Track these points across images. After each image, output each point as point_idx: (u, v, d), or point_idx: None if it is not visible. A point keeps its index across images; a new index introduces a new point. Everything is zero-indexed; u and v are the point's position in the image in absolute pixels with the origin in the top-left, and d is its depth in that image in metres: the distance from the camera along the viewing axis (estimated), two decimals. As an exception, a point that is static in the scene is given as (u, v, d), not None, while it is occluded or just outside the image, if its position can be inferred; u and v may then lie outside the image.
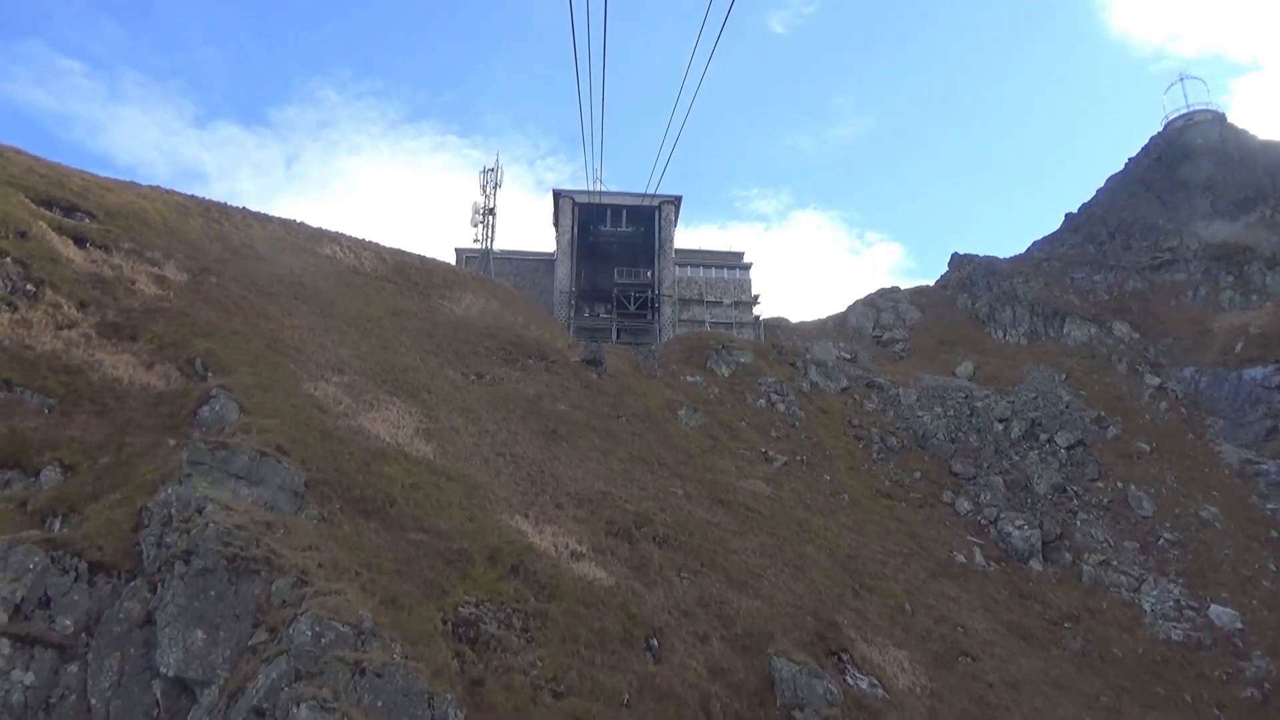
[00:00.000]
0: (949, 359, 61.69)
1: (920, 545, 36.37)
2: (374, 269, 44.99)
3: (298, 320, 33.28)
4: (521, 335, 43.05)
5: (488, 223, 62.11)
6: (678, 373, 47.53)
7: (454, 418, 30.49)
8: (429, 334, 38.68)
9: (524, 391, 35.81)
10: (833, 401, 50.23)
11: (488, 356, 38.77)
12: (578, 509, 27.38)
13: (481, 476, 26.58)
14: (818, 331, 70.17)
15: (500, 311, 46.89)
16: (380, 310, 39.05)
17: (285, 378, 26.62)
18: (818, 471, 40.64)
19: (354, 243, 47.43)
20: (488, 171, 63.64)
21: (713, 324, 60.85)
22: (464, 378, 35.56)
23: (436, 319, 41.27)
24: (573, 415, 35.11)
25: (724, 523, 30.89)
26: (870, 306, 72.27)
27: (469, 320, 42.98)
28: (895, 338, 67.03)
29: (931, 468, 44.81)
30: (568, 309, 60.80)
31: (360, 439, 24.40)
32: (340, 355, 31.36)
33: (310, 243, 45.07)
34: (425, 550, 20.44)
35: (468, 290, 48.22)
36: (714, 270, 64.32)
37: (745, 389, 47.45)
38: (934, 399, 52.16)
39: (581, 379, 40.08)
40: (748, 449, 39.92)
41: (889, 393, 52.84)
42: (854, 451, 44.80)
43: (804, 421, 45.83)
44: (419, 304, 42.82)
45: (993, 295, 69.65)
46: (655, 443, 36.08)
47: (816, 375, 52.83)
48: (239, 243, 40.14)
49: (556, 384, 38.44)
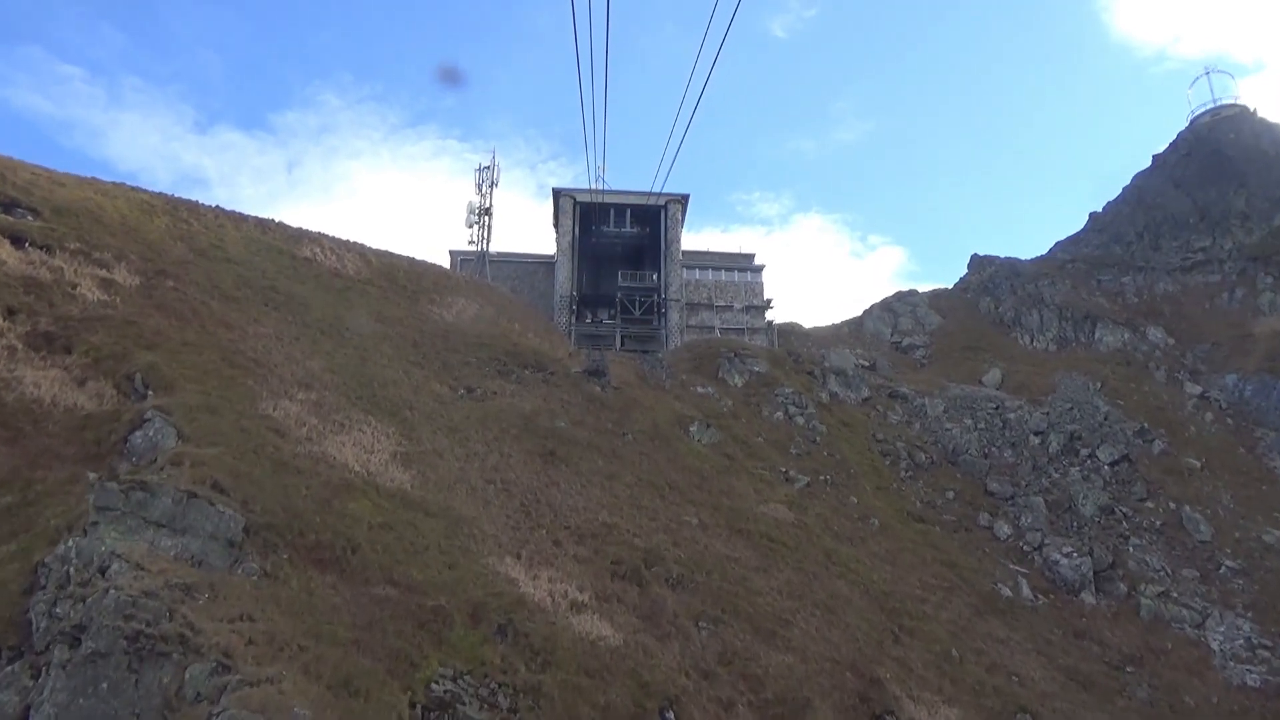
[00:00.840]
0: (974, 366, 58.01)
1: (960, 577, 32.69)
2: (357, 272, 41.42)
3: (264, 328, 29.71)
4: (517, 344, 39.47)
5: (483, 223, 58.43)
6: (687, 383, 43.90)
7: (438, 439, 26.89)
8: (414, 343, 35.10)
9: (519, 407, 32.22)
10: (854, 413, 46.58)
11: (479, 368, 35.19)
12: (578, 545, 23.78)
13: (467, 509, 22.97)
14: (832, 337, 66.48)
15: (495, 318, 43.29)
16: (361, 316, 35.47)
17: (239, 396, 23.03)
18: (843, 493, 36.97)
19: (337, 244, 43.87)
20: (483, 169, 60.00)
21: (723, 330, 57.16)
22: (451, 392, 31.98)
23: (424, 326, 37.70)
24: (573, 433, 31.50)
25: (745, 557, 27.25)
26: (887, 311, 68.60)
27: (460, 328, 39.39)
28: (915, 344, 63.35)
29: (965, 487, 41.12)
30: (568, 314, 57.19)
31: (323, 469, 20.79)
32: (310, 368, 27.78)
33: (288, 244, 41.51)
34: (393, 610, 16.82)
35: (460, 295, 44.65)
36: (723, 273, 60.40)
37: (761, 401, 43.81)
38: (962, 410, 48.50)
39: (583, 392, 36.49)
40: (766, 468, 36.27)
41: (914, 403, 49.19)
42: (880, 469, 41.13)
43: (825, 436, 42.17)
44: (405, 310, 39.24)
45: (1017, 298, 65.96)
46: (665, 463, 32.45)
47: (836, 385, 49.19)
48: (207, 244, 36.60)
49: (555, 398, 34.84)
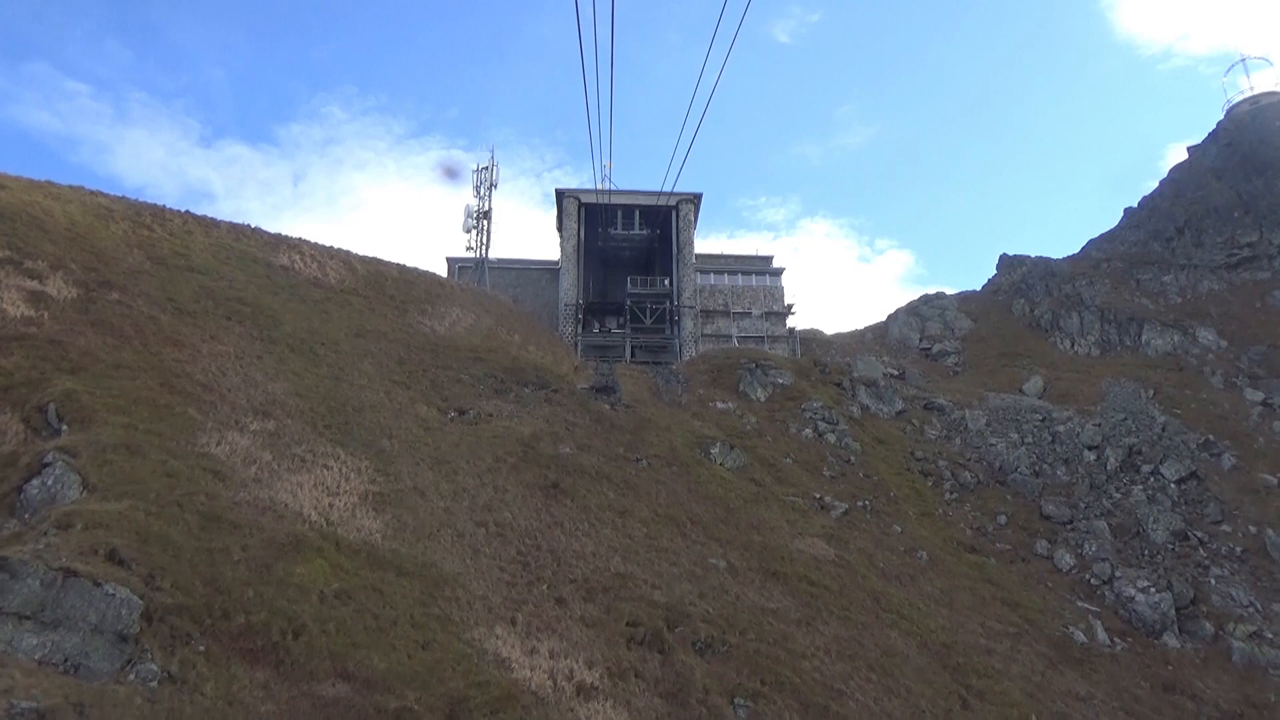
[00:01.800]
0: (1013, 373, 53.76)
1: (1026, 619, 28.48)
2: (340, 281, 37.56)
3: (223, 346, 25.83)
4: (517, 358, 35.52)
5: (482, 227, 54.63)
6: (705, 398, 39.85)
7: (420, 473, 22.90)
8: (400, 359, 31.17)
9: (517, 431, 28.23)
10: (889, 429, 42.42)
11: (473, 386, 31.23)
12: (586, 603, 19.73)
13: (451, 563, 18.95)
14: (856, 344, 62.35)
15: (492, 329, 39.39)
16: (340, 330, 31.59)
17: (175, 429, 19.10)
18: (885, 520, 32.81)
19: (319, 251, 40.05)
20: (481, 170, 56.19)
21: (740, 338, 53.20)
22: (440, 415, 28.01)
23: (412, 340, 33.78)
24: (579, 461, 27.47)
25: (784, 607, 23.12)
26: (914, 315, 64.42)
27: (453, 340, 35.47)
28: (946, 350, 59.14)
29: (1017, 510, 36.90)
30: (574, 324, 53.31)
31: (268, 521, 16.81)
32: (271, 392, 23.86)
33: (264, 251, 37.70)
34: (344, 716, 12.81)
35: (454, 304, 40.75)
36: (740, 277, 56.39)
37: (787, 416, 39.72)
38: (1006, 422, 44.27)
39: (590, 411, 32.48)
40: (799, 494, 32.15)
41: (951, 415, 44.97)
42: (922, 491, 36.95)
43: (860, 455, 38.03)
44: (392, 322, 35.34)
45: (1054, 300, 61.70)
46: (685, 493, 28.38)
47: (867, 397, 45.03)
48: (169, 251, 32.83)
49: (559, 419, 30.84)
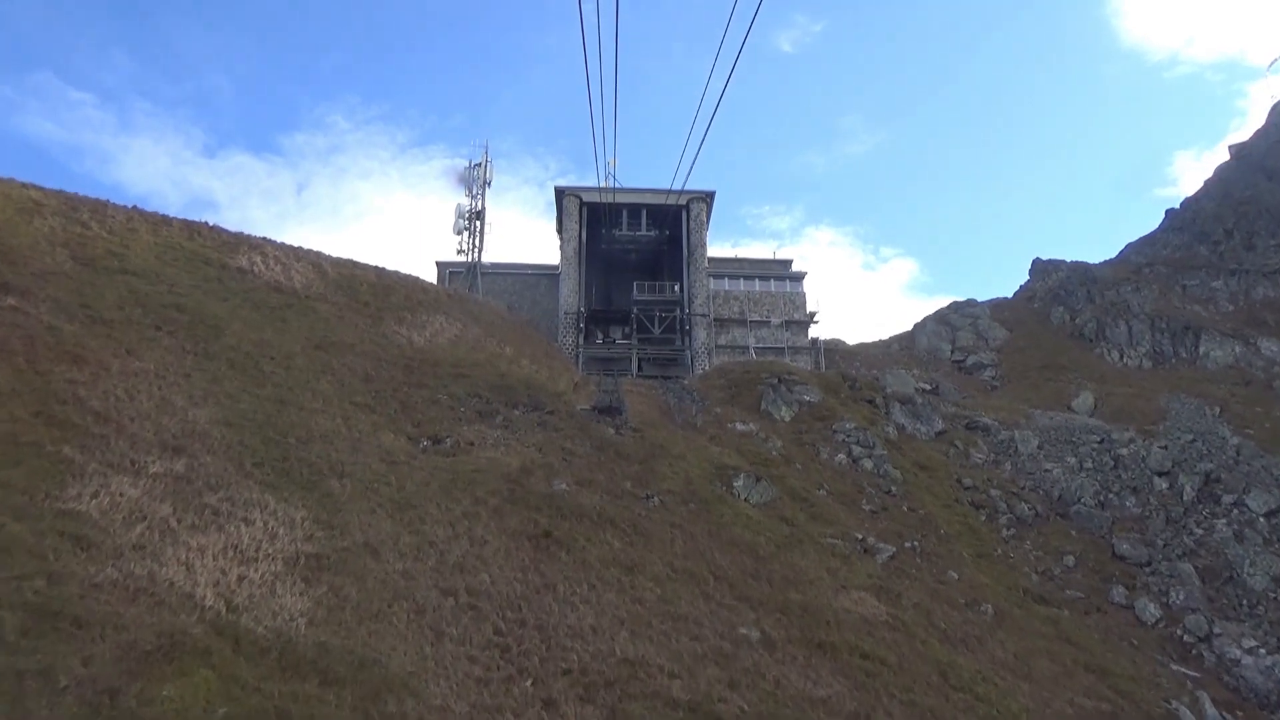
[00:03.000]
0: (1058, 388, 48.88)
1: (1118, 691, 23.48)
2: (306, 285, 32.90)
3: (142, 362, 21.11)
4: (506, 373, 30.77)
5: (474, 228, 49.98)
6: (723, 418, 35.03)
7: (376, 523, 18.09)
8: (366, 376, 26.43)
9: (503, 464, 23.43)
10: (930, 452, 37.53)
11: (452, 408, 26.46)
12: (584, 705, 14.86)
13: (401, 657, 14.13)
14: (882, 356, 57.51)
15: (480, 340, 34.67)
16: (296, 342, 26.89)
17: (33, 476, 14.35)
18: (938, 565, 27.90)
19: (286, 252, 35.42)
20: (473, 167, 51.57)
21: (758, 349, 48.43)
22: (410, 445, 23.23)
23: (384, 353, 29.04)
24: (578, 500, 22.63)
25: (834, 695, 18.21)
26: (943, 324, 59.60)
27: (433, 353, 30.74)
28: (982, 362, 54.26)
29: (1086, 549, 31.97)
30: (574, 334, 48.60)
31: (135, 614, 12.01)
32: (192, 419, 19.11)
33: (220, 251, 33.09)
34: None
35: (439, 312, 36.04)
36: (757, 282, 51.55)
37: (817, 439, 34.87)
38: (1060, 444, 39.35)
39: (592, 437, 27.68)
40: (837, 534, 27.26)
41: (998, 436, 40.07)
42: (975, 527, 32.04)
43: (901, 484, 33.15)
44: (363, 332, 30.62)
45: (1097, 308, 56.84)
46: (706, 539, 23.52)
47: (902, 416, 40.16)
48: (101, 251, 28.23)
49: (555, 447, 26.04)
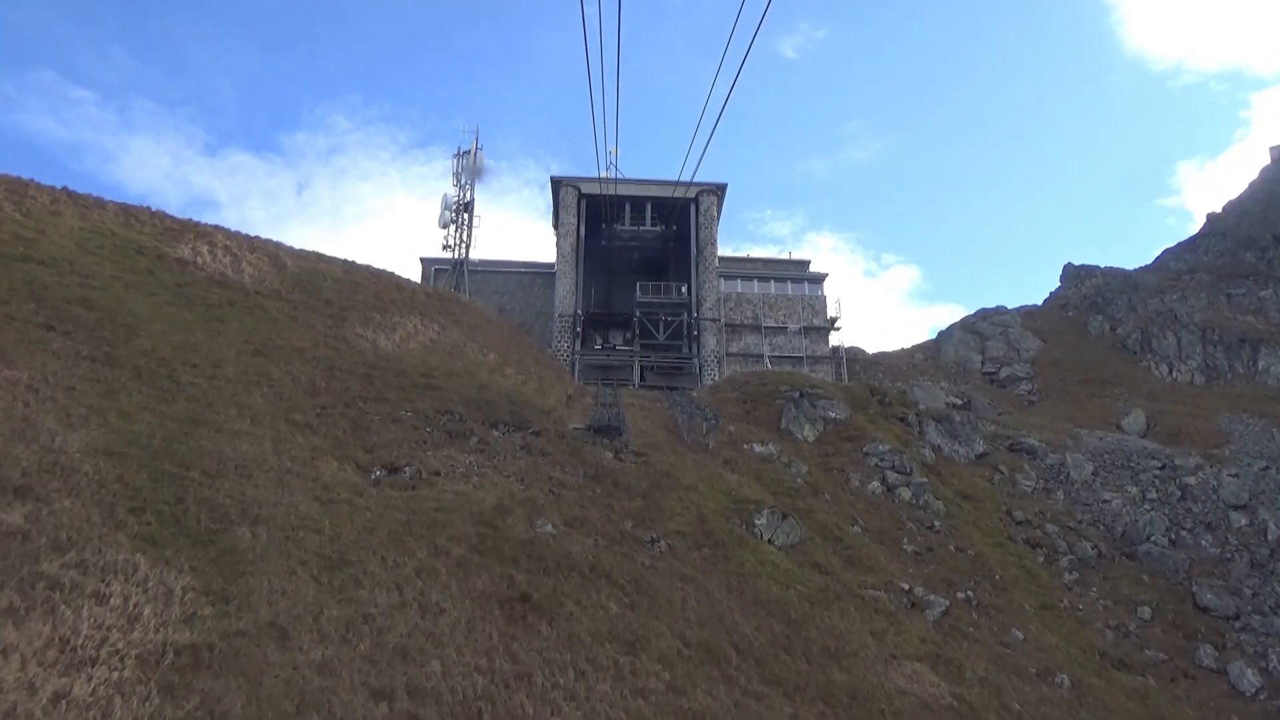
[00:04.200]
0: (1103, 405, 44.32)
1: (1235, 791, 18.98)
2: (257, 281, 28.40)
3: (12, 371, 16.60)
4: (487, 385, 26.22)
5: (462, 221, 45.50)
6: (739, 438, 30.49)
7: (293, 591, 13.52)
8: (313, 388, 21.88)
9: (475, 500, 18.86)
10: (972, 479, 32.99)
11: (417, 427, 21.89)
12: None
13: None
14: (906, 365, 52.94)
15: (459, 345, 30.14)
16: (231, 346, 22.36)
17: None
18: (999, 621, 23.32)
19: (238, 242, 30.96)
20: (463, 155, 47.05)
21: (774, 358, 43.92)
22: (358, 476, 18.65)
23: (340, 360, 24.50)
24: (565, 549, 18.06)
25: (903, 827, 13.66)
26: (971, 333, 55.05)
27: (400, 361, 26.20)
28: (1016, 375, 49.68)
29: (1162, 598, 27.41)
30: (570, 339, 44.14)
31: None
32: (61, 447, 14.58)
33: (159, 240, 28.63)
34: None
35: (414, 313, 31.53)
36: (773, 284, 46.95)
37: (846, 463, 30.32)
38: (1117, 470, 34.79)
39: (586, 463, 23.12)
40: (879, 583, 22.66)
41: (1046, 460, 35.51)
42: (1033, 570, 27.48)
43: (944, 518, 28.62)
44: (319, 335, 26.10)
45: (1139, 317, 52.29)
46: (725, 596, 18.95)
47: (938, 435, 35.62)
48: (8, 236, 23.82)
49: (540, 476, 21.49)
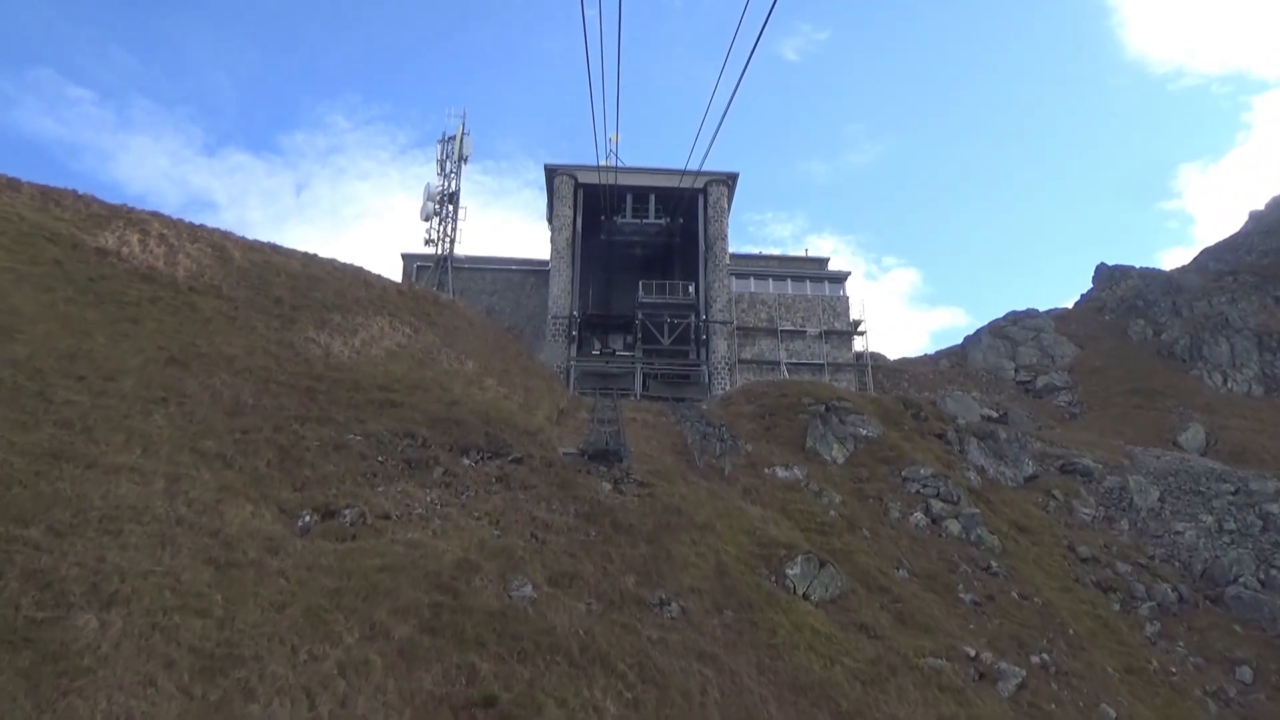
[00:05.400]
0: (1155, 419, 40.08)
1: None
2: (192, 274, 24.17)
3: None
4: (460, 400, 21.94)
5: (446, 213, 41.29)
6: (759, 460, 26.23)
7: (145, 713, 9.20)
8: (236, 408, 17.61)
9: (432, 554, 14.58)
10: (1024, 506, 28.74)
11: (366, 456, 17.60)
12: None
13: None
14: (932, 374, 48.72)
15: (431, 352, 25.90)
16: (141, 354, 18.12)
17: None
18: (1082, 693, 19.01)
19: (177, 231, 26.75)
20: (448, 140, 42.83)
21: (791, 365, 39.71)
22: (281, 523, 14.36)
23: (279, 370, 20.24)
24: (549, 621, 13.77)
25: None
26: (1000, 338, 50.84)
27: (357, 370, 21.94)
28: (1054, 384, 45.43)
29: (1261, 652, 23.12)
30: (565, 343, 39.92)
31: None
32: None
33: (80, 228, 24.43)
34: None
35: (381, 313, 27.29)
36: (789, 283, 42.59)
37: (883, 489, 26.05)
38: (1186, 497, 30.55)
39: (579, 498, 18.84)
40: (939, 649, 18.35)
41: (1104, 484, 31.29)
42: (1109, 620, 23.17)
43: (1001, 555, 24.34)
44: (259, 339, 21.84)
45: (1186, 321, 48.05)
46: (755, 680, 14.66)
47: (981, 454, 31.38)
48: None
49: (520, 516, 17.21)
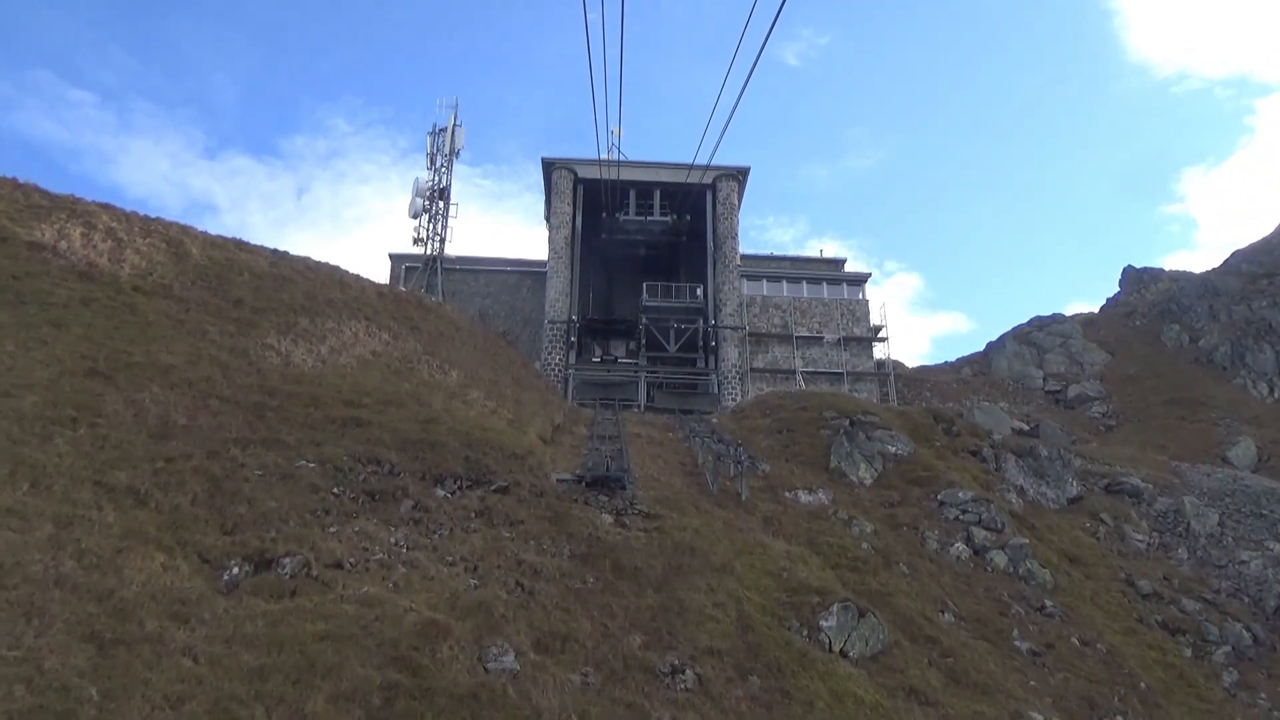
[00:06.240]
0: (1199, 432, 37.19)
1: None
2: (139, 272, 21.41)
3: None
4: (438, 417, 19.11)
5: (435, 210, 38.51)
6: (778, 483, 23.38)
7: None
8: (163, 429, 14.81)
9: (391, 614, 11.73)
10: (1071, 531, 25.85)
11: (319, 488, 14.76)
12: None
13: None
14: (954, 383, 45.85)
15: (412, 360, 23.09)
16: (56, 364, 15.35)
17: None
18: (1167, 765, 16.15)
19: (128, 225, 24.02)
20: (438, 133, 40.05)
21: (808, 375, 36.82)
22: (198, 576, 11.53)
23: (223, 384, 17.44)
24: (533, 704, 10.92)
25: None
26: (1026, 345, 48.00)
27: (320, 383, 19.13)
28: (1087, 394, 42.54)
29: (1356, 706, 20.27)
30: (564, 350, 37.11)
31: None
32: None
33: (15, 219, 21.71)
34: None
35: (357, 317, 24.51)
36: (805, 286, 39.61)
37: (918, 516, 23.17)
38: (1248, 520, 27.67)
39: (574, 534, 16.01)
40: (998, 713, 15.45)
41: (1156, 506, 28.44)
42: (1182, 669, 20.24)
43: (1054, 592, 21.47)
44: (208, 346, 19.06)
45: (1225, 326, 45.17)
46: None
47: (1020, 473, 28.52)
48: None
49: (503, 560, 14.38)
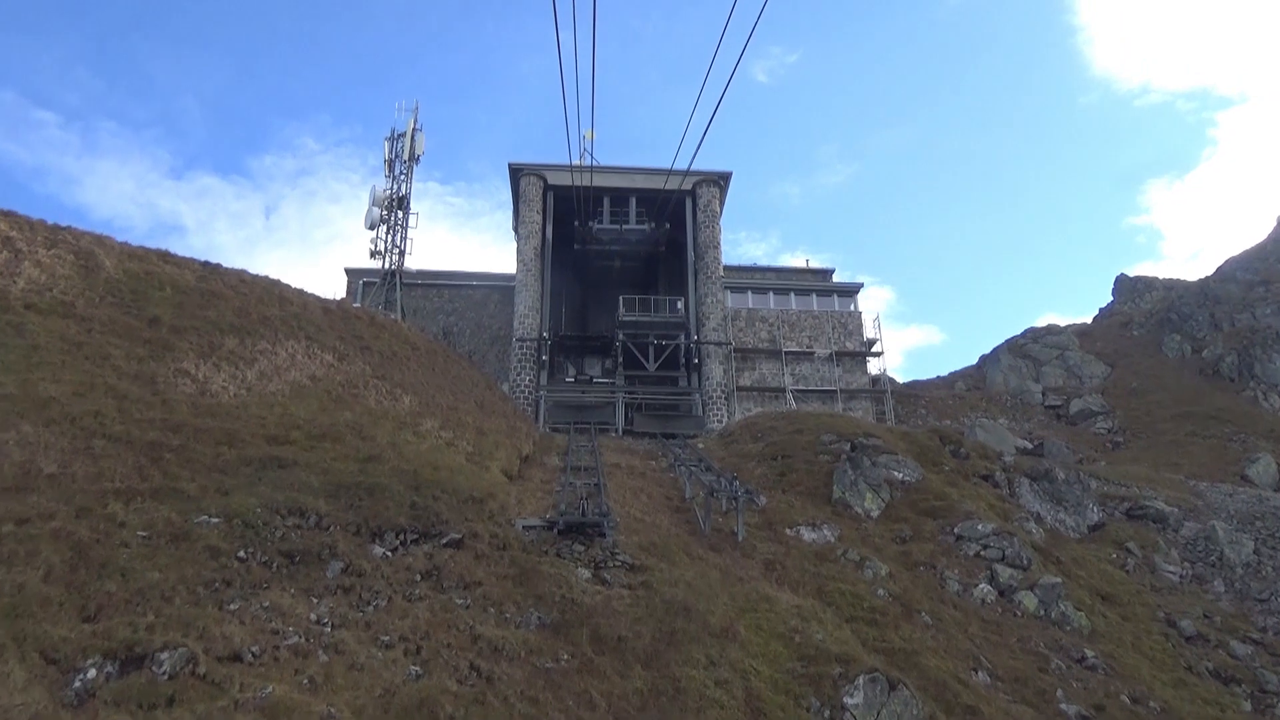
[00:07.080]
0: (1214, 448, 35.07)
1: None
2: (37, 287, 18.33)
3: None
4: (380, 455, 16.18)
5: (393, 221, 35.55)
6: (776, 518, 20.67)
7: None
8: (23, 479, 11.77)
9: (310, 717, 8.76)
10: (1098, 564, 23.37)
11: (220, 552, 11.82)
12: None
13: None
14: (949, 398, 43.53)
15: (357, 385, 20.18)
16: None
17: None
18: None
19: (33, 233, 20.90)
20: (397, 138, 37.11)
21: (798, 393, 34.26)
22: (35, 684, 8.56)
23: (117, 419, 14.43)
24: None
25: None
26: (1021, 357, 45.88)
27: (240, 416, 16.17)
28: (1090, 408, 40.37)
29: None
30: (534, 369, 34.26)
31: None
32: None
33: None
34: None
35: (296, 337, 21.54)
36: (793, 298, 37.12)
37: (934, 552, 20.53)
38: (1283, 546, 25.42)
39: (543, 596, 13.16)
40: (1057, 806, 12.78)
41: (1183, 532, 26.10)
42: (1243, 727, 17.78)
43: (1092, 638, 18.91)
44: (110, 373, 16.04)
45: (1229, 335, 43.34)
46: None
47: (1035, 498, 26.07)
48: None
49: (456, 635, 11.51)
